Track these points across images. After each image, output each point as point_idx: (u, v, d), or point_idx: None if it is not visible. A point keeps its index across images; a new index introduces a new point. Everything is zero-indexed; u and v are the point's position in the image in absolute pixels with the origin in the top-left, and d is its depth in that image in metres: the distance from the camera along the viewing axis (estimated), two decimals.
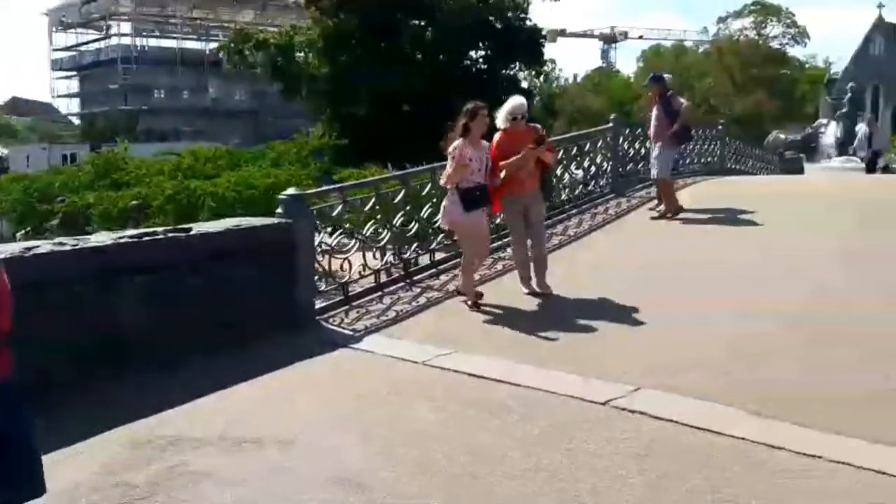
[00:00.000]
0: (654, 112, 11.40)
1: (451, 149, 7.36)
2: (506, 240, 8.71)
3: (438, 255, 8.97)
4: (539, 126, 8.19)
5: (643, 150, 13.88)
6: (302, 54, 41.03)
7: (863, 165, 22.80)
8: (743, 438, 4.54)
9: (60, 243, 5.87)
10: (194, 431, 4.86)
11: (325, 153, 35.64)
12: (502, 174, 7.54)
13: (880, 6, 55.42)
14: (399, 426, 4.98)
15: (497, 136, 7.71)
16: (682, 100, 11.47)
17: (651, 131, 11.56)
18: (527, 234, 7.81)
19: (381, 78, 35.87)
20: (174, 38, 75.68)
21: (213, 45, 66.16)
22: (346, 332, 7.05)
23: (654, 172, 11.53)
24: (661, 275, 8.26)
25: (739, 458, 4.31)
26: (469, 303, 7.51)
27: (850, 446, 4.37)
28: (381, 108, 36.54)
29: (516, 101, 7.85)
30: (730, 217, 10.85)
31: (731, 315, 6.75)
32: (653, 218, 11.13)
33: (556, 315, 7.15)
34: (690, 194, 12.49)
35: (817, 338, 6.18)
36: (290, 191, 7.96)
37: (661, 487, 4.02)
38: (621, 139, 13.38)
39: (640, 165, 13.63)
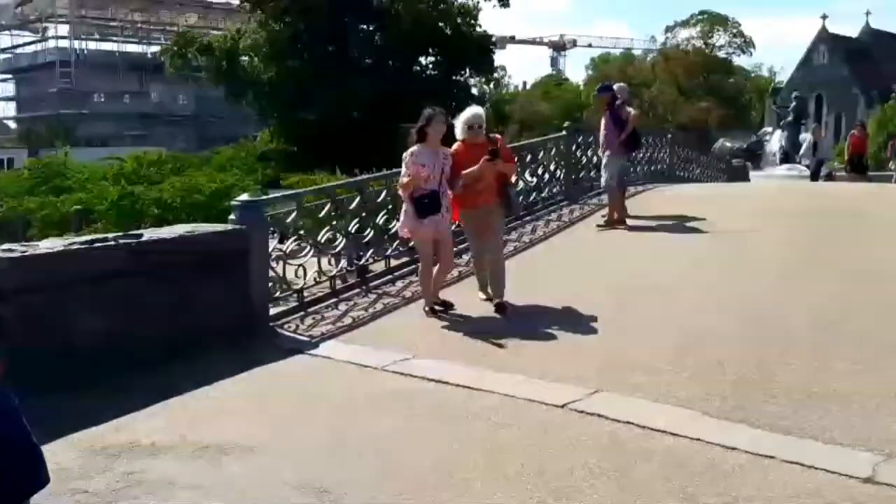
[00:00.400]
0: (603, 121, 11.51)
1: (405, 154, 7.31)
2: (463, 245, 8.68)
3: (394, 262, 8.92)
4: (499, 136, 8.03)
5: (595, 158, 14.02)
6: (247, 58, 40.57)
7: (807, 173, 23.35)
8: (699, 439, 4.60)
9: (9, 249, 5.72)
10: (152, 438, 4.77)
11: (273, 159, 35.42)
12: (456, 186, 7.43)
13: (824, 17, 56.88)
14: (361, 432, 4.94)
15: (455, 146, 7.58)
16: (630, 109, 11.53)
17: (601, 140, 11.66)
18: (483, 243, 7.72)
19: (329, 83, 35.64)
20: (114, 41, 74.48)
21: (155, 48, 65.29)
22: (302, 338, 7.00)
23: (603, 180, 11.64)
24: (612, 281, 8.34)
25: (698, 458, 4.36)
26: (426, 309, 7.46)
27: (801, 446, 4.45)
28: (330, 113, 36.27)
29: (472, 111, 7.74)
30: (680, 224, 11.00)
31: (680, 319, 6.90)
32: (599, 226, 11.18)
33: (513, 321, 7.16)
34: (641, 201, 12.64)
35: (765, 339, 6.29)
36: (244, 197, 7.86)
37: (625, 489, 4.04)
38: (574, 147, 13.48)
39: (592, 172, 13.76)
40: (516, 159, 9.85)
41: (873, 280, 7.86)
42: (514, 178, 9.03)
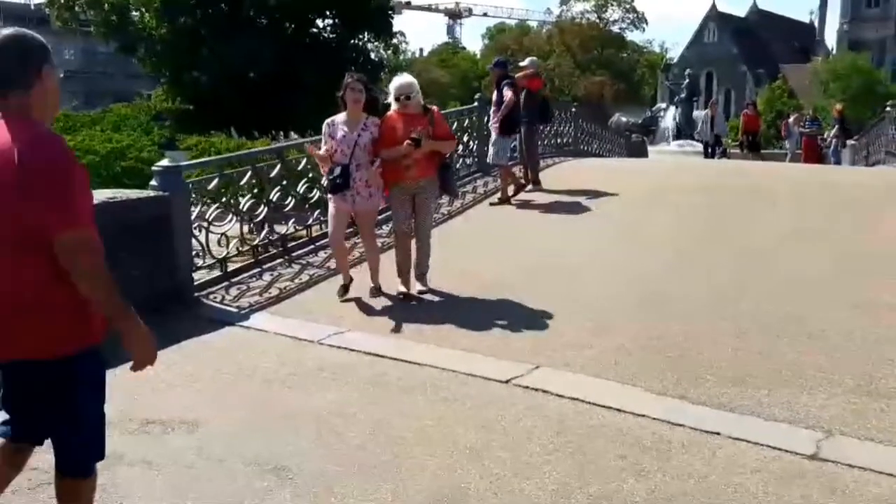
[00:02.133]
0: (494, 97, 11.53)
1: (324, 125, 7.11)
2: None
3: (316, 232, 8.80)
4: (435, 108, 7.42)
5: None
6: (138, 13, 39.11)
7: (699, 148, 24.00)
8: (644, 415, 4.72)
9: None
10: None
11: (168, 119, 34.36)
12: (376, 162, 6.94)
13: None
14: (304, 406, 4.91)
15: (387, 115, 7.13)
16: (508, 93, 11.17)
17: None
18: (406, 222, 7.16)
19: (223, 43, 34.72)
20: None
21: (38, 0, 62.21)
22: (230, 309, 6.88)
23: (489, 157, 11.67)
24: (527, 258, 8.36)
25: (646, 435, 4.48)
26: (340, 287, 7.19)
27: (744, 423, 4.62)
28: (225, 74, 35.33)
29: (399, 80, 7.16)
30: (590, 198, 11.18)
31: (594, 296, 7.02)
32: (492, 203, 11.13)
33: (440, 299, 7.13)
34: (551, 175, 12.80)
35: (682, 315, 6.46)
36: (165, 162, 7.66)
37: (582, 466, 4.12)
38: (486, 119, 13.50)
39: None
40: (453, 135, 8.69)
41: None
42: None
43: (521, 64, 12.70)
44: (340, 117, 6.98)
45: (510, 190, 11.35)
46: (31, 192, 2.61)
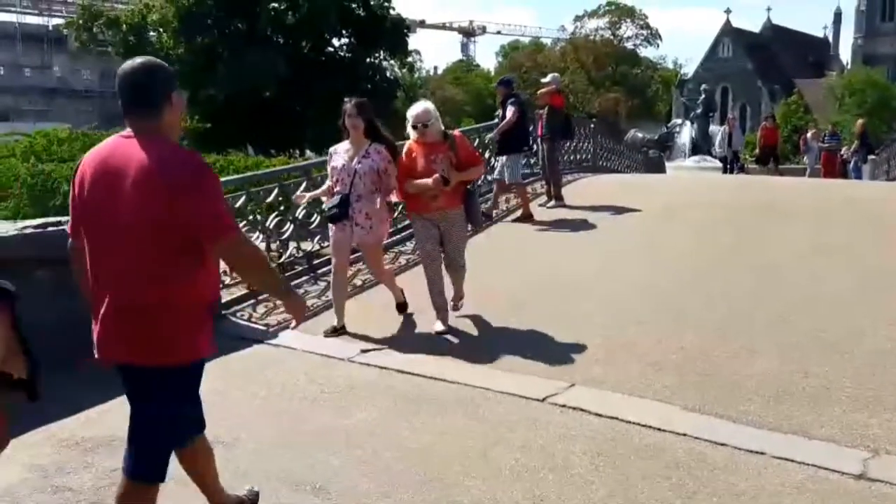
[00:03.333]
0: (499, 115, 11.47)
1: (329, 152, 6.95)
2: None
3: None
4: (457, 134, 6.98)
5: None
6: (156, 34, 39.42)
7: (717, 164, 23.88)
8: (685, 434, 4.64)
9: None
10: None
11: (185, 137, 34.53)
12: (393, 195, 6.75)
13: (727, 11, 58.39)
14: (336, 424, 4.85)
15: (406, 145, 6.72)
16: (511, 110, 11.06)
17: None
18: (435, 254, 6.75)
19: (239, 60, 34.94)
20: (12, 11, 71.21)
21: (57, 20, 62.66)
22: (258, 326, 6.85)
23: (495, 175, 11.49)
24: (559, 272, 8.34)
25: (689, 454, 4.40)
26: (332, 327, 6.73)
27: (788, 441, 4.54)
28: (241, 91, 35.53)
29: (415, 108, 6.68)
30: (614, 212, 11.14)
31: (630, 309, 6.96)
32: (515, 220, 11.13)
33: (470, 315, 7.01)
34: (574, 191, 12.76)
35: (722, 332, 6.37)
36: None
37: (626, 486, 4.06)
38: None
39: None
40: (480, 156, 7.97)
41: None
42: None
43: (543, 80, 12.68)
44: (343, 145, 6.71)
45: (517, 211, 11.32)
46: (179, 205, 2.89)
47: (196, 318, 3.11)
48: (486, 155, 12.04)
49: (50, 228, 5.84)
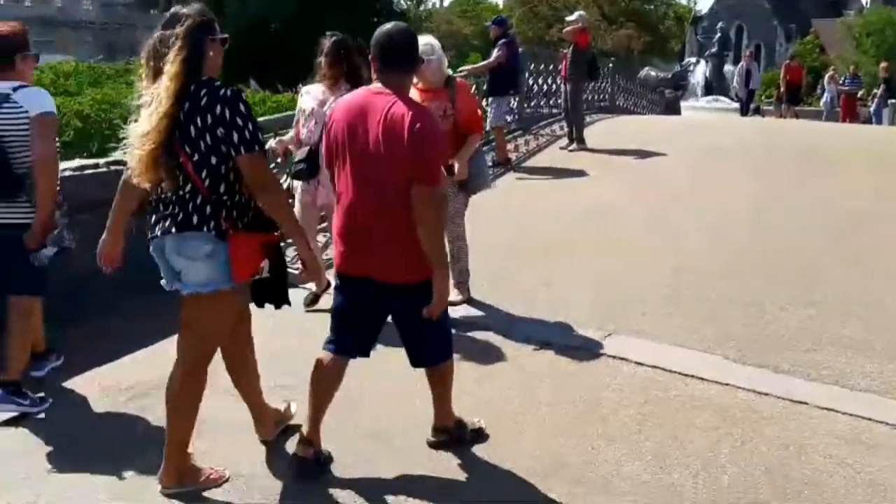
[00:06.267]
0: (492, 56, 11.10)
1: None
2: None
3: None
4: (460, 80, 5.83)
5: (545, 87, 14.05)
6: None
7: (733, 105, 23.56)
8: (728, 384, 4.68)
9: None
10: None
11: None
12: None
13: None
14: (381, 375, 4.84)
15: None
16: (495, 52, 10.83)
17: None
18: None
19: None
20: None
21: None
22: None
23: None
24: (585, 217, 8.28)
25: (736, 404, 4.45)
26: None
27: (830, 392, 4.59)
28: (247, 23, 35.05)
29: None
30: (638, 156, 11.10)
31: (663, 256, 6.95)
32: (492, 166, 10.37)
33: (492, 260, 6.76)
34: (594, 133, 12.65)
35: (754, 282, 6.39)
36: None
37: (676, 437, 4.11)
38: (527, 74, 13.38)
39: (542, 101, 13.77)
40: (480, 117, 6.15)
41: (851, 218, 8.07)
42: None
43: (568, 19, 12.47)
44: (317, 87, 5.79)
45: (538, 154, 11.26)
46: (412, 153, 3.37)
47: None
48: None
49: (87, 171, 5.80)
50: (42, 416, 4.34)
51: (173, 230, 3.36)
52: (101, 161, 6.15)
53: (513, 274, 6.66)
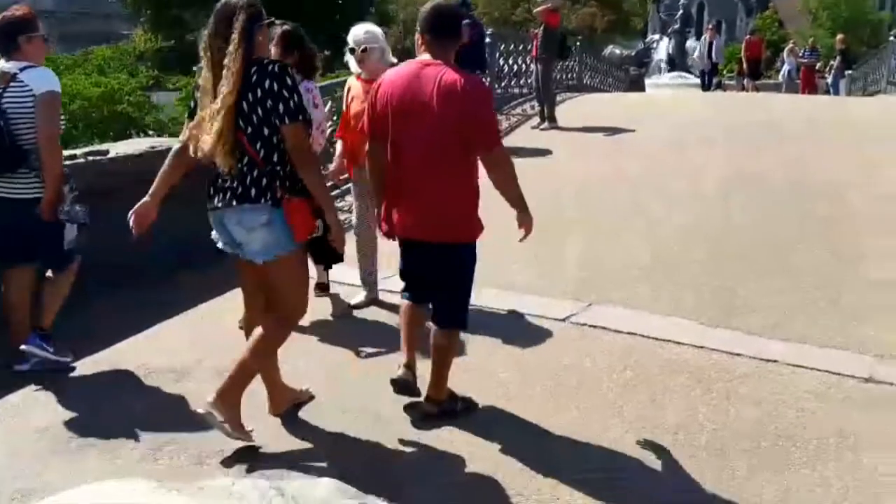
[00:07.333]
0: None
1: None
2: None
3: None
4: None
5: (515, 67, 14.20)
6: None
7: (693, 81, 23.77)
8: (703, 346, 4.93)
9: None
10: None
11: (149, 59, 33.91)
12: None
13: None
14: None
15: (349, 83, 5.77)
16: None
17: None
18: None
19: None
20: None
21: None
22: None
23: None
24: (562, 193, 8.40)
25: (710, 365, 4.70)
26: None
27: (800, 350, 4.87)
28: (208, 11, 34.70)
29: (355, 28, 5.54)
30: (609, 133, 11.31)
31: (636, 230, 7.22)
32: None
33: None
34: (565, 111, 12.80)
35: (721, 255, 6.66)
36: None
37: (654, 398, 4.34)
38: (497, 55, 13.52)
39: (512, 82, 13.94)
40: None
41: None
42: None
43: None
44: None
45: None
46: (469, 117, 3.75)
47: (473, 205, 3.97)
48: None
49: (66, 162, 5.88)
50: (68, 369, 4.64)
51: (234, 203, 3.62)
52: (79, 152, 6.26)
53: (490, 252, 6.77)
